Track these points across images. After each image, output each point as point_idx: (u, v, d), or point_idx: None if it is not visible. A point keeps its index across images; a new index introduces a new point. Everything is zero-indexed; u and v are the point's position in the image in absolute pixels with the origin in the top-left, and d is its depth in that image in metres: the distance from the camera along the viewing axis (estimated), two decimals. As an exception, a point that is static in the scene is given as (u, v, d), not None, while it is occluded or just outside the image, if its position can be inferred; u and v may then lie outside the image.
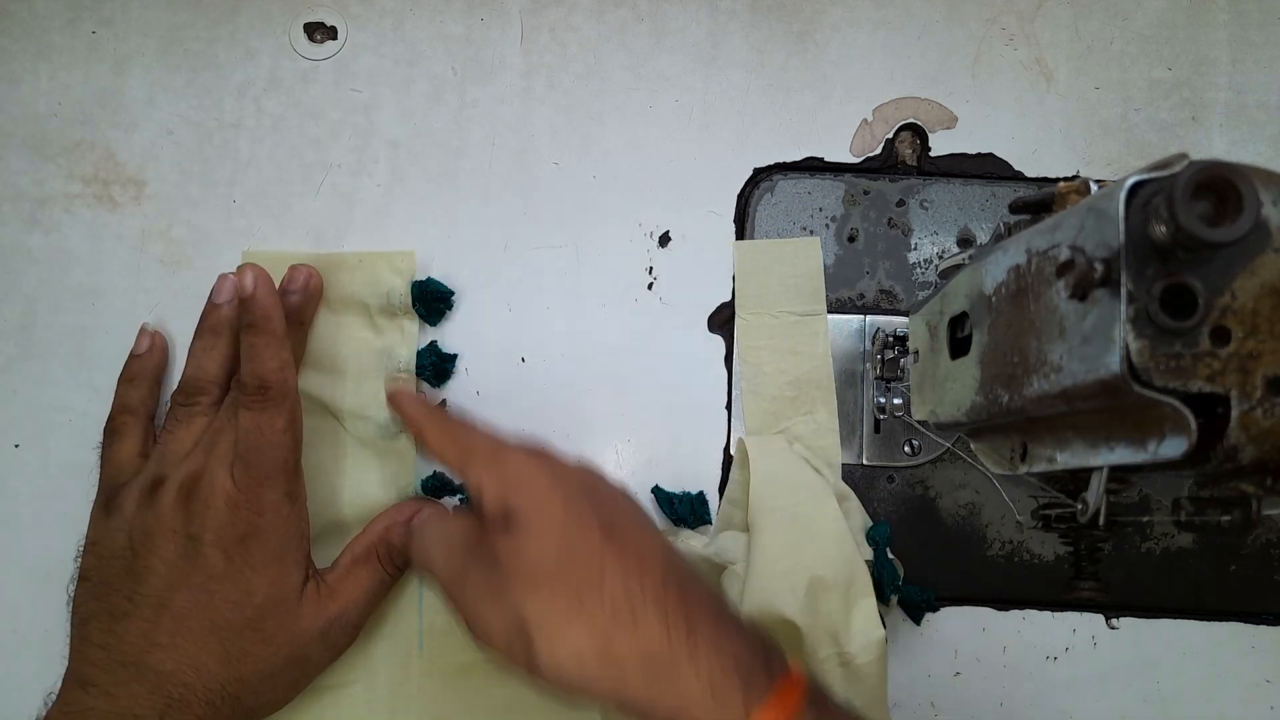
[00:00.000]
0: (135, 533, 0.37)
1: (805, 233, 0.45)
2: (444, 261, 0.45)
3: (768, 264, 0.44)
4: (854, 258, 0.45)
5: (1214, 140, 0.45)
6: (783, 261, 0.44)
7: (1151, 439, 0.23)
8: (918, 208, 0.45)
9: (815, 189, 0.46)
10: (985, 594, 0.43)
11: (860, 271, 0.45)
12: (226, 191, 0.46)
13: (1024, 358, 0.26)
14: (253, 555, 0.37)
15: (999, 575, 0.44)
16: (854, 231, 0.45)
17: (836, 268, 0.45)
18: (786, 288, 0.44)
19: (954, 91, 0.45)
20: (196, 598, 0.36)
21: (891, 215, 0.46)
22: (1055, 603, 0.43)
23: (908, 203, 0.45)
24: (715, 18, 0.46)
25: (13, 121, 0.46)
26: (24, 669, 0.42)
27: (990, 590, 0.44)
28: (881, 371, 0.41)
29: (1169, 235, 0.21)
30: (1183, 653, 0.43)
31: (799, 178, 0.46)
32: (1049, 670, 0.43)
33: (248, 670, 0.37)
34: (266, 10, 0.47)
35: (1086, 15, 0.46)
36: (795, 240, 0.45)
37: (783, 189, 0.46)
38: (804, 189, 0.46)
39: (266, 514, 0.37)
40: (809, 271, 0.44)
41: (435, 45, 0.46)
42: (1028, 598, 0.43)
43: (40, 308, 0.45)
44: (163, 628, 0.36)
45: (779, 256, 0.44)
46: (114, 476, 0.40)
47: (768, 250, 0.45)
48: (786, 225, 0.45)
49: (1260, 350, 0.21)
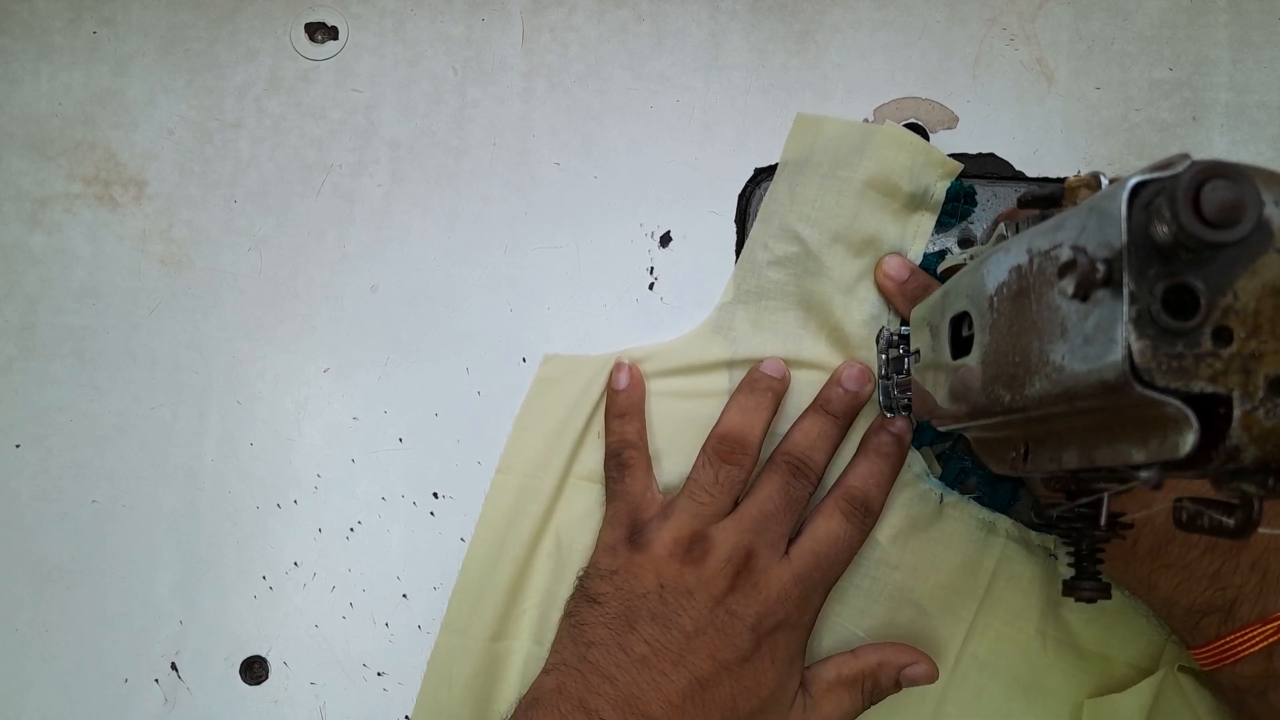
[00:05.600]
0: (669, 583, 0.37)
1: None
2: (444, 261, 0.45)
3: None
4: (855, 258, 0.45)
5: (1215, 140, 0.45)
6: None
7: (1153, 439, 0.23)
8: (919, 208, 0.45)
9: (816, 189, 0.46)
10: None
11: (861, 272, 0.45)
12: (227, 191, 0.46)
13: (1025, 358, 0.26)
14: (779, 649, 0.37)
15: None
16: (855, 232, 0.45)
17: (838, 268, 0.45)
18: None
19: (955, 91, 0.45)
20: (715, 671, 0.36)
21: (892, 215, 0.45)
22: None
23: (909, 203, 0.45)
24: (716, 18, 0.46)
25: (14, 121, 0.46)
26: (24, 669, 0.42)
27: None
28: (886, 370, 0.41)
29: (1171, 235, 0.21)
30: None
31: (800, 178, 0.46)
32: (1050, 670, 0.43)
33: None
34: (267, 10, 0.47)
35: (1087, 15, 0.46)
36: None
37: (784, 189, 0.46)
38: (805, 189, 0.46)
39: (808, 614, 0.37)
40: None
41: (436, 45, 0.46)
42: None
43: (41, 308, 0.45)
44: (673, 688, 0.36)
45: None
46: (636, 510, 0.40)
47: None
48: (787, 225, 0.45)
49: (1262, 350, 0.21)
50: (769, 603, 0.36)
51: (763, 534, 0.38)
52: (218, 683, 0.43)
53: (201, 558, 0.44)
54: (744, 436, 0.40)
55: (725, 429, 0.40)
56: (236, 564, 0.44)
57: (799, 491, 0.39)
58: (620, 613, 0.37)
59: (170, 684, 0.43)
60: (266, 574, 0.44)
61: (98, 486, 0.44)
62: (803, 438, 0.40)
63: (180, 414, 0.45)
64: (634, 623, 0.37)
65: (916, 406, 0.37)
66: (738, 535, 0.38)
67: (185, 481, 0.44)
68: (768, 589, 0.37)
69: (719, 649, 0.36)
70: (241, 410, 0.45)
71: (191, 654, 0.43)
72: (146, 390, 0.45)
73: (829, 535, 0.38)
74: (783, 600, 0.37)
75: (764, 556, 0.37)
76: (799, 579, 0.37)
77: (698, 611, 0.36)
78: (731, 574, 0.37)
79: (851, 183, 0.42)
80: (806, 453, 0.40)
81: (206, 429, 0.45)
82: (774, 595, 0.37)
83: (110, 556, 0.44)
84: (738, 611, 0.36)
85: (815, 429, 0.40)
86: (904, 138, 0.42)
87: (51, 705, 0.43)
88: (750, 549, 0.37)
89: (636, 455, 0.41)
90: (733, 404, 0.41)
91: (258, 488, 0.44)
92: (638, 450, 0.41)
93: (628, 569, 0.38)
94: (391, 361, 0.45)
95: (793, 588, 0.37)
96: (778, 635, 0.37)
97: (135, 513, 0.44)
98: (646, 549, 0.38)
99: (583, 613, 0.38)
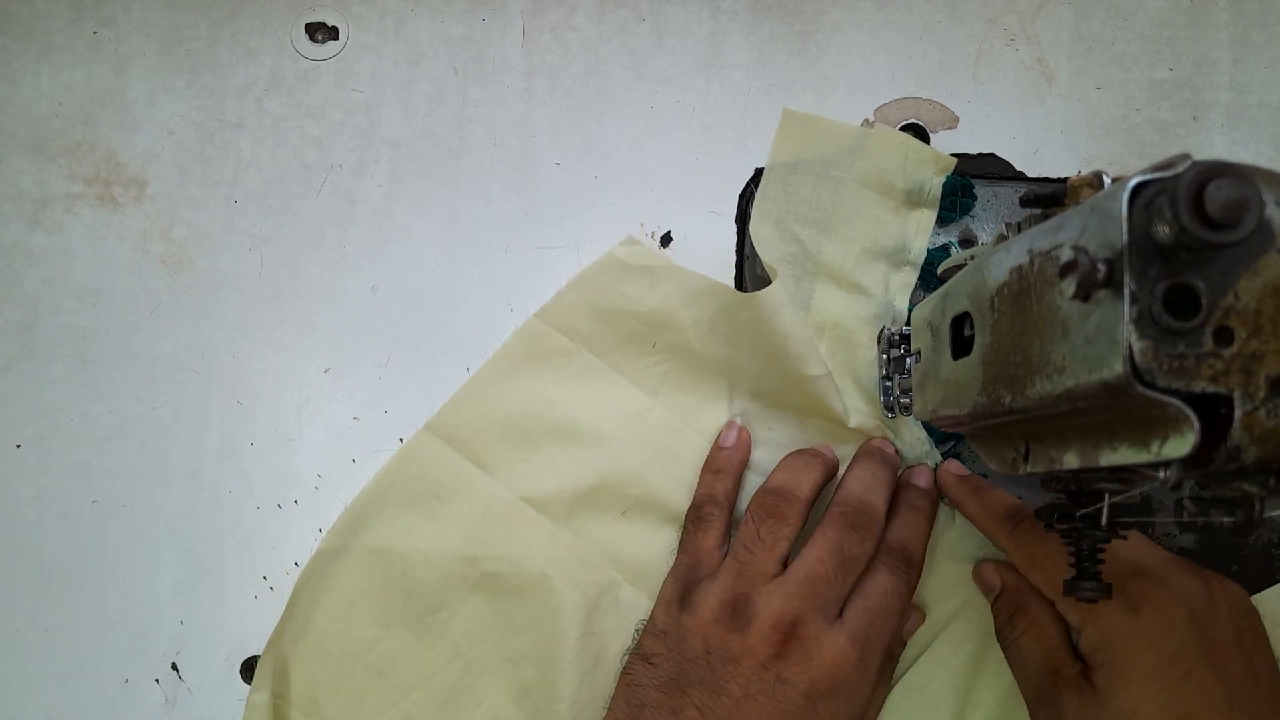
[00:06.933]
0: (714, 650, 0.36)
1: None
2: (444, 261, 0.45)
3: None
4: (855, 258, 0.45)
5: (1215, 140, 0.45)
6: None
7: (1155, 439, 0.23)
8: (919, 208, 0.45)
9: (817, 189, 0.46)
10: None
11: (862, 272, 0.45)
12: (228, 192, 0.46)
13: (1026, 358, 0.26)
14: (839, 713, 0.36)
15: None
16: (855, 232, 0.45)
17: (838, 268, 0.45)
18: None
19: (955, 91, 0.45)
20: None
21: (893, 215, 0.45)
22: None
23: (909, 203, 0.45)
24: (716, 18, 0.46)
25: (14, 121, 0.46)
26: (24, 669, 0.42)
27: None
28: (888, 370, 0.40)
29: (1172, 236, 0.21)
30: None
31: (800, 178, 0.46)
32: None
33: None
34: (268, 11, 0.47)
35: (1088, 15, 0.46)
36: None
37: (784, 189, 0.46)
38: (805, 189, 0.46)
39: (869, 675, 0.37)
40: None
41: (436, 45, 0.46)
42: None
43: (41, 308, 0.45)
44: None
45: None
46: (694, 567, 0.39)
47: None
48: (788, 225, 0.45)
49: (1263, 351, 0.21)
50: (823, 668, 0.35)
51: (813, 599, 0.36)
52: (218, 683, 0.43)
53: (202, 558, 0.44)
54: (790, 491, 0.39)
55: (772, 484, 0.40)
56: (237, 564, 0.44)
57: (855, 549, 0.37)
58: (672, 676, 0.37)
59: (170, 684, 0.43)
60: (267, 574, 0.44)
61: (98, 486, 0.44)
62: (856, 485, 0.39)
63: (180, 414, 0.45)
64: (685, 688, 0.36)
65: (917, 407, 0.37)
66: (783, 602, 0.36)
67: (185, 482, 0.44)
68: (820, 655, 0.35)
69: (770, 715, 0.35)
70: (242, 410, 0.45)
71: (191, 654, 0.43)
72: (147, 390, 0.45)
73: (878, 590, 0.37)
74: (839, 665, 0.35)
75: (814, 623, 0.36)
76: (855, 639, 0.36)
77: (745, 678, 0.35)
78: (778, 641, 0.36)
79: (846, 182, 0.42)
80: (863, 498, 0.38)
81: (207, 429, 0.45)
82: (828, 661, 0.35)
83: (110, 556, 0.44)
84: (790, 679, 0.35)
85: (868, 475, 0.39)
86: (895, 137, 0.42)
87: (51, 705, 0.43)
88: (797, 616, 0.36)
89: (716, 513, 0.40)
90: (782, 465, 0.41)
91: (258, 488, 0.44)
92: (719, 509, 0.41)
93: (677, 631, 0.38)
94: (392, 361, 0.45)
95: (849, 650, 0.36)
96: (838, 701, 0.36)
97: (135, 513, 0.44)
98: (694, 611, 0.37)
99: (636, 672, 0.38)
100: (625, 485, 0.42)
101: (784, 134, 0.43)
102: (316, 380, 0.45)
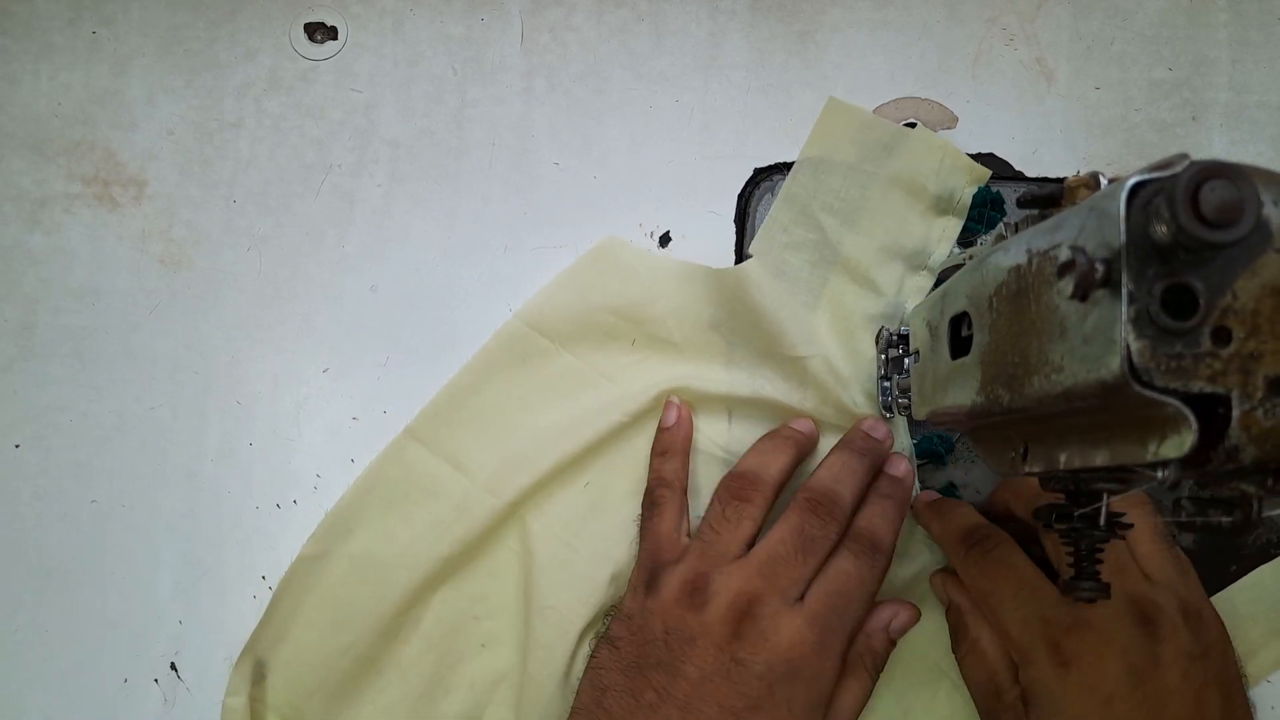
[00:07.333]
0: (673, 630, 0.36)
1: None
2: (444, 261, 0.45)
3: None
4: (855, 258, 0.45)
5: (1214, 140, 0.45)
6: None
7: (1153, 439, 0.23)
8: (918, 208, 0.45)
9: (816, 189, 0.46)
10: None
11: (861, 271, 0.45)
12: (227, 192, 0.46)
13: (1025, 358, 0.26)
14: (796, 698, 0.35)
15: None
16: (855, 231, 0.45)
17: (837, 268, 0.45)
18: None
19: (954, 91, 0.45)
20: (724, 718, 0.35)
21: (892, 215, 0.45)
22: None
23: (908, 203, 0.45)
24: (715, 18, 0.46)
25: (13, 121, 0.46)
26: (24, 669, 0.42)
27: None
28: (886, 370, 0.40)
29: (1170, 235, 0.21)
30: (1183, 653, 0.43)
31: (800, 178, 0.46)
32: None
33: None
34: (266, 10, 0.47)
35: (1087, 15, 0.46)
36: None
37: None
38: (805, 189, 0.46)
39: (828, 661, 0.36)
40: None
41: (435, 45, 0.46)
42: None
43: (41, 308, 0.45)
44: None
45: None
46: (656, 552, 0.39)
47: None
48: (787, 225, 0.45)
49: (1261, 351, 0.21)
50: (779, 650, 0.35)
51: (772, 579, 0.36)
52: (218, 683, 0.43)
53: (201, 558, 0.44)
54: (757, 474, 0.39)
55: (740, 467, 0.40)
56: (236, 564, 0.44)
57: (817, 531, 0.37)
58: (633, 659, 0.37)
59: (170, 684, 0.43)
60: (266, 574, 0.44)
61: (97, 486, 0.44)
62: (826, 473, 0.39)
63: (180, 414, 0.45)
64: (644, 670, 0.36)
65: (915, 407, 0.37)
66: (742, 581, 0.36)
67: (185, 482, 0.44)
68: (776, 637, 0.35)
69: (726, 697, 0.35)
70: (241, 410, 0.45)
71: (191, 654, 0.43)
72: (146, 390, 0.45)
73: (840, 573, 0.37)
74: (795, 646, 0.35)
75: (771, 603, 0.36)
76: (813, 622, 0.36)
77: (701, 659, 0.35)
78: (733, 621, 0.35)
79: (877, 178, 0.42)
80: (830, 486, 0.38)
81: (206, 429, 0.45)
82: (784, 643, 0.35)
83: (109, 556, 0.44)
84: (745, 660, 0.35)
85: (839, 464, 0.39)
86: (934, 141, 0.43)
87: (51, 705, 0.43)
88: (755, 595, 0.36)
89: (668, 495, 0.40)
90: (752, 449, 0.41)
91: (257, 488, 0.44)
92: (671, 490, 0.41)
93: (641, 614, 0.38)
94: (391, 361, 0.45)
95: (807, 632, 0.35)
96: (795, 685, 0.35)
97: (134, 513, 0.44)
98: (657, 594, 0.37)
99: (602, 656, 0.38)
100: (605, 484, 0.42)
101: (825, 121, 0.43)
102: (315, 380, 0.45)
